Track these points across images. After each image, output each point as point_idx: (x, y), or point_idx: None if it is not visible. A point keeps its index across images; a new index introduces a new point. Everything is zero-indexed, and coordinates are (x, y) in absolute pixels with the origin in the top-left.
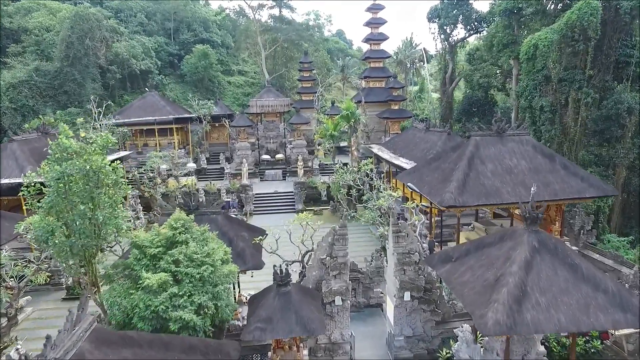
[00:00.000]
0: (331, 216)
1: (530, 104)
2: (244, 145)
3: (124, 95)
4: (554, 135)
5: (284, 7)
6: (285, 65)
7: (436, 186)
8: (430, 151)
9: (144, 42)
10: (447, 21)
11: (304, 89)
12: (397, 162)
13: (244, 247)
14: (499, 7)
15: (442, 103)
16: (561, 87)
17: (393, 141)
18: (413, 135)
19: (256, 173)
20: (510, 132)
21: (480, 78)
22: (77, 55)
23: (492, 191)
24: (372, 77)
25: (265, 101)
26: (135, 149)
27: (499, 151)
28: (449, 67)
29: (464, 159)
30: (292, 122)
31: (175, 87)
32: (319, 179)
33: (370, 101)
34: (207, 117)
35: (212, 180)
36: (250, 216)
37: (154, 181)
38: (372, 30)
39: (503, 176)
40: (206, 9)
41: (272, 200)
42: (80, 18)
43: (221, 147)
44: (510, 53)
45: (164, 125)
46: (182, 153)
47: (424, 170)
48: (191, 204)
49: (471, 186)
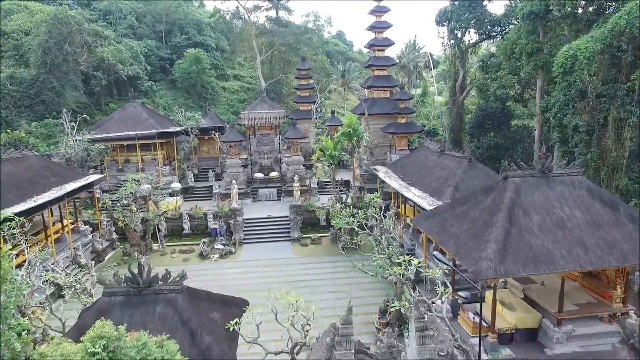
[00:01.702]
0: (331, 246)
1: (561, 122)
2: (235, 162)
3: (110, 103)
4: (589, 159)
5: (281, 9)
6: (282, 70)
7: (466, 244)
8: (448, 182)
9: (132, 46)
10: (458, 25)
11: (301, 98)
12: (408, 194)
13: (211, 342)
14: (521, 10)
15: (452, 114)
16: (599, 104)
17: (401, 163)
18: (425, 158)
19: (248, 193)
20: (558, 171)
21: (497, 89)
22: (55, 62)
23: (542, 254)
24: (376, 86)
25: (258, 113)
26: (115, 165)
27: (546, 197)
28: (460, 74)
29: (502, 209)
30: (288, 137)
31: (166, 93)
32: (317, 199)
33: (374, 113)
34: (195, 130)
35: (201, 200)
36: (240, 246)
37: (130, 208)
38: (376, 35)
39: (554, 232)
40: (200, 10)
41: (264, 227)
42: (59, 21)
43: (211, 162)
44: (535, 62)
45: (147, 141)
46: (167, 170)
47: (446, 216)
48: (141, 280)
49: (514, 248)
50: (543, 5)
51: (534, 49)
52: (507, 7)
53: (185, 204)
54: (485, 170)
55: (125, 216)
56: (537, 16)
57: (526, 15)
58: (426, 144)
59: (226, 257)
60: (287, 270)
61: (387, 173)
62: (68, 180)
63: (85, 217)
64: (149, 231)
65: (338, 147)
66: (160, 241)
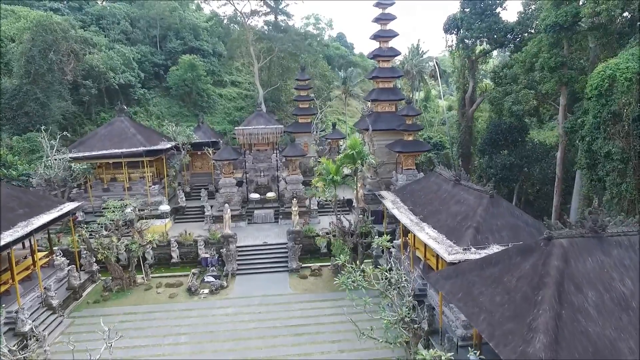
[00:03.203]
0: (332, 278)
1: (590, 147)
2: (229, 181)
3: (102, 112)
4: (624, 190)
5: (280, 13)
6: (282, 77)
7: (503, 325)
8: (468, 221)
9: (124, 53)
10: (469, 34)
11: (300, 110)
12: (421, 235)
13: None
14: (543, 20)
15: (461, 127)
16: (637, 128)
17: (411, 189)
18: (437, 187)
19: (243, 215)
20: (614, 229)
21: (512, 105)
22: (40, 71)
23: (605, 348)
24: (381, 99)
25: (253, 129)
26: (101, 184)
27: (601, 266)
28: (469, 85)
29: (548, 283)
30: (286, 154)
31: (160, 101)
32: (317, 221)
33: (378, 129)
34: (187, 146)
35: (192, 221)
36: (233, 278)
37: (110, 238)
38: (381, 45)
39: (616, 316)
40: (197, 14)
41: (260, 255)
42: (43, 29)
43: (205, 178)
44: (558, 78)
45: (134, 159)
46: (156, 189)
47: (472, 278)
48: None
49: (568, 340)
50: (570, 16)
51: (558, 63)
52: (520, 15)
53: (175, 227)
54: (510, 209)
55: (105, 248)
56: (562, 28)
57: (550, 27)
58: (438, 169)
59: (217, 292)
60: (284, 311)
61: (395, 203)
62: (39, 211)
63: (65, 244)
64: (133, 262)
65: (340, 172)
66: (145, 273)
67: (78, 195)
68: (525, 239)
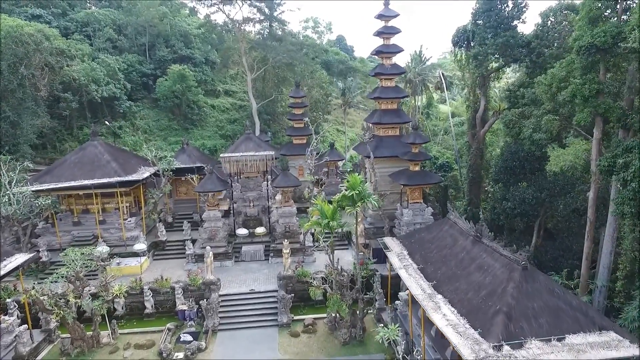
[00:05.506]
0: (328, 337)
1: (637, 193)
2: (213, 214)
3: (84, 127)
4: None
5: (274, 21)
6: (277, 88)
7: None
8: (495, 301)
9: (109, 63)
10: (482, 50)
11: (295, 130)
12: (436, 316)
13: None
14: (576, 41)
15: (471, 150)
16: None
17: (419, 239)
18: (452, 240)
19: (229, 253)
20: None
21: (534, 132)
22: (9, 87)
23: None
24: (384, 123)
25: (241, 156)
26: (70, 217)
27: None
28: (481, 104)
29: None
30: (278, 185)
31: (148, 113)
32: (312, 260)
33: (381, 156)
34: (168, 173)
35: (173, 258)
36: (214, 335)
37: (66, 298)
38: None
39: None
40: (189, 19)
41: (246, 305)
42: (12, 41)
43: (190, 205)
44: (594, 108)
45: (107, 190)
46: (132, 222)
47: None
48: None
49: None
50: (610, 36)
51: (593, 91)
52: (538, 27)
53: (153, 265)
54: (548, 285)
55: (61, 308)
56: (599, 50)
57: (584, 49)
58: (452, 217)
59: (194, 357)
60: None
61: (401, 258)
62: None
63: (20, 294)
64: (96, 321)
65: (337, 216)
66: (112, 331)
67: (44, 230)
68: (570, 329)
